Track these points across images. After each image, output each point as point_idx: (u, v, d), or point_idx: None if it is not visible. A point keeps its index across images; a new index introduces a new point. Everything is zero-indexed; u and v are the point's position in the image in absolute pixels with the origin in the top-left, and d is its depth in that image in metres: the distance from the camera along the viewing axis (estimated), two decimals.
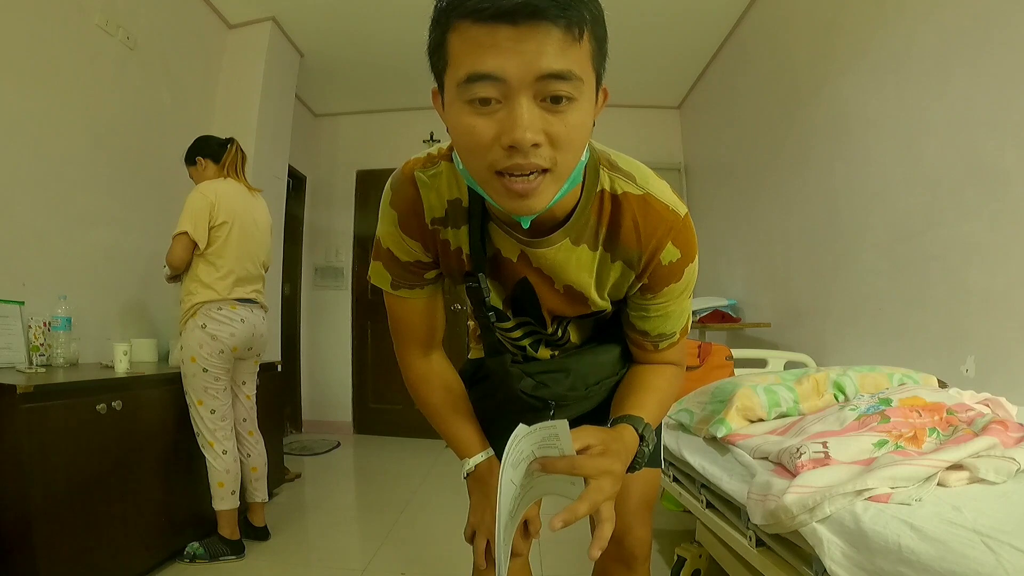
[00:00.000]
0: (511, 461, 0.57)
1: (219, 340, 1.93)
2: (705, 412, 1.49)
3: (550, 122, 0.53)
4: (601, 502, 0.60)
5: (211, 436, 1.93)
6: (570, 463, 0.60)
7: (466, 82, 0.52)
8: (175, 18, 2.74)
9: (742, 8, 3.05)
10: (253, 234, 2.09)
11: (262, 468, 2.15)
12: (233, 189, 2.05)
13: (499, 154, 0.54)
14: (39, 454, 1.42)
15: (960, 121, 1.66)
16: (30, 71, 1.99)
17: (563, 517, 0.57)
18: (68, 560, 1.48)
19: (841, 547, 0.80)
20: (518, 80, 0.51)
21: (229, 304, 1.98)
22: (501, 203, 0.58)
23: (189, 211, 1.94)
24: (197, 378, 1.91)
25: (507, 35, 0.50)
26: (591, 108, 0.57)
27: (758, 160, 3.04)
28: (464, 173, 0.61)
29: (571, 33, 0.51)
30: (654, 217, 0.69)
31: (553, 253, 0.70)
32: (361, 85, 4.01)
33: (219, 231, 1.97)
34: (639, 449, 0.70)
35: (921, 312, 1.85)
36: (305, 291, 4.41)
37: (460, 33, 0.52)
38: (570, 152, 0.56)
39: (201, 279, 1.95)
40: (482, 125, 0.53)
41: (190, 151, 2.12)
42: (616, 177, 0.69)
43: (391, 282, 0.77)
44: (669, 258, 0.70)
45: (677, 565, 1.68)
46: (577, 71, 0.52)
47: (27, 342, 1.88)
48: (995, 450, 0.90)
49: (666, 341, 0.79)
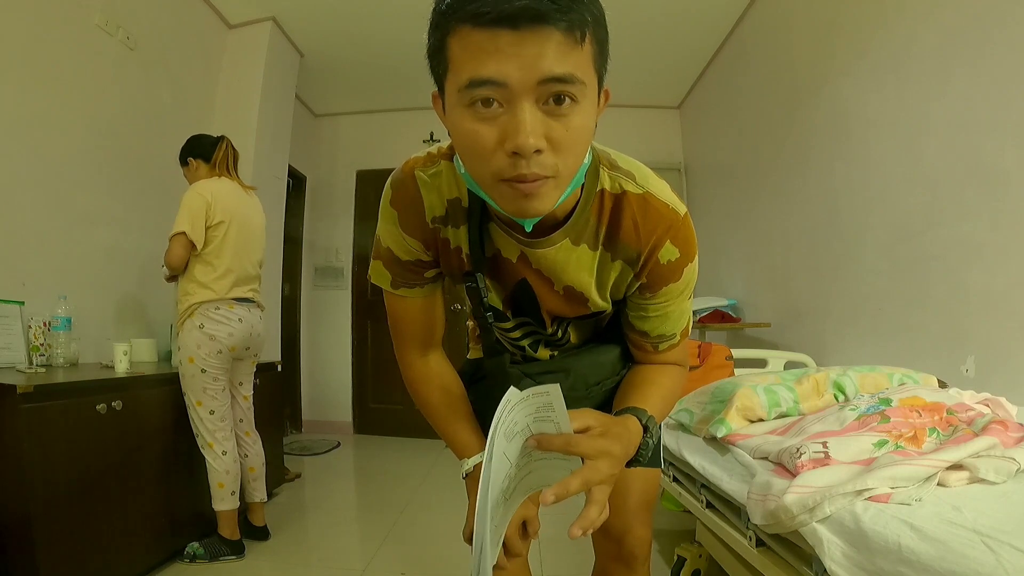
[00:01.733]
0: (503, 431, 0.55)
1: (217, 340, 1.93)
2: (705, 412, 1.49)
3: (552, 126, 0.53)
4: (595, 483, 0.59)
5: (210, 437, 1.93)
6: (566, 440, 0.59)
7: (468, 87, 0.52)
8: (175, 18, 2.74)
9: (742, 8, 3.05)
10: (249, 233, 2.08)
11: (260, 468, 2.15)
12: (228, 188, 2.04)
13: (504, 162, 0.53)
14: (39, 454, 1.42)
15: (960, 121, 1.66)
16: (30, 71, 1.99)
17: (554, 491, 0.55)
18: (68, 560, 1.48)
19: (841, 547, 0.80)
20: (520, 84, 0.50)
21: (227, 304, 1.97)
22: (505, 207, 0.58)
23: (186, 211, 1.92)
24: (196, 379, 1.91)
25: (508, 39, 0.49)
26: (593, 110, 0.57)
27: (758, 160, 3.04)
28: (466, 176, 0.61)
29: (572, 36, 0.51)
30: (653, 215, 0.69)
31: (553, 253, 0.70)
32: (361, 85, 4.01)
33: (216, 231, 1.96)
34: (643, 440, 0.69)
35: (921, 312, 1.85)
36: (305, 291, 4.41)
37: (461, 37, 0.52)
38: (572, 156, 0.56)
39: (198, 279, 1.94)
40: (484, 130, 0.53)
41: (182, 152, 2.12)
42: (616, 176, 0.69)
43: (391, 281, 0.77)
44: (668, 257, 0.70)
45: (677, 565, 1.68)
46: (579, 74, 0.52)
47: (27, 342, 1.88)
48: (995, 450, 0.90)
49: (666, 342, 0.79)
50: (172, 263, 1.93)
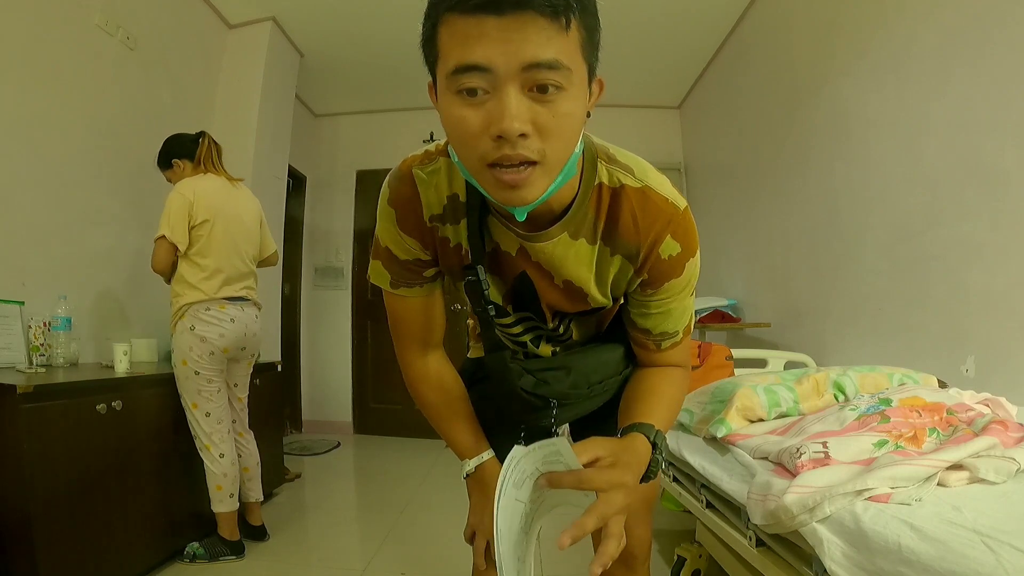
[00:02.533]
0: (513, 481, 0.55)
1: (208, 342, 1.91)
2: (705, 412, 1.48)
3: (538, 112, 0.53)
4: (611, 516, 0.58)
5: (207, 439, 1.92)
6: (577, 477, 0.58)
7: (454, 73, 0.52)
8: (175, 18, 2.74)
9: (742, 8, 3.05)
10: (238, 228, 2.04)
11: (254, 468, 2.14)
12: (213, 184, 2.00)
13: (488, 145, 0.54)
14: (39, 454, 1.42)
15: (960, 121, 1.66)
16: (30, 71, 1.99)
17: (571, 533, 0.55)
18: (68, 560, 1.48)
19: (841, 547, 0.80)
20: (505, 70, 0.51)
21: (218, 304, 1.94)
22: (493, 195, 0.58)
23: (167, 213, 1.90)
24: (190, 381, 1.90)
25: (493, 25, 0.50)
26: (582, 98, 0.57)
27: (758, 160, 3.04)
28: (459, 165, 0.61)
29: (558, 22, 0.51)
30: (652, 210, 0.68)
31: (552, 247, 0.70)
32: (361, 85, 4.01)
33: (200, 230, 1.93)
34: (653, 457, 0.68)
35: (921, 312, 1.85)
36: (305, 291, 4.41)
37: (448, 25, 0.52)
38: (559, 142, 0.56)
39: (187, 280, 1.92)
40: (471, 116, 0.54)
41: (162, 155, 2.07)
42: (614, 170, 0.69)
43: (390, 281, 0.77)
44: (669, 252, 0.70)
45: (677, 565, 1.68)
46: (565, 60, 0.52)
47: (27, 342, 1.88)
48: (995, 450, 0.90)
49: (668, 340, 0.78)
50: (157, 267, 1.92)
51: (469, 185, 0.67)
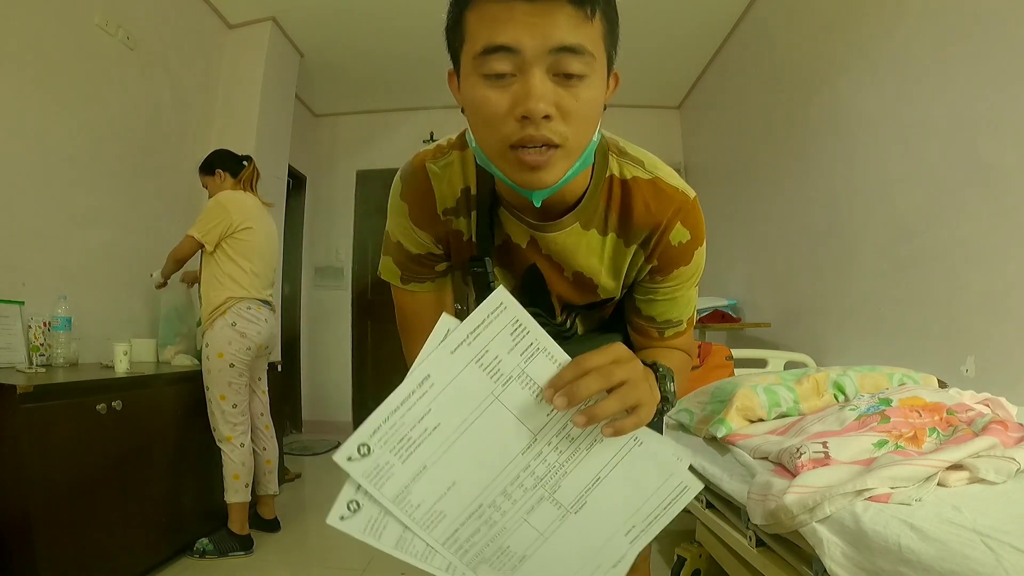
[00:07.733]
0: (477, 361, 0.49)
1: (248, 338, 2.02)
2: (705, 412, 1.48)
3: (562, 96, 0.54)
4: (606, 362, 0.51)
5: (230, 430, 1.99)
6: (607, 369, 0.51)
7: (482, 54, 0.54)
8: (175, 18, 2.74)
9: (742, 8, 3.04)
10: (271, 242, 2.21)
11: (275, 461, 2.23)
12: (251, 201, 2.17)
13: (512, 126, 0.55)
14: (39, 454, 1.42)
15: (960, 121, 1.66)
16: (30, 71, 1.99)
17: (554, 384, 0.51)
18: (68, 560, 1.48)
19: (841, 547, 0.80)
20: (532, 52, 0.52)
21: (256, 304, 2.08)
22: (513, 177, 0.59)
23: (205, 218, 2.04)
24: (223, 373, 1.98)
25: (523, 10, 0.52)
26: (603, 87, 0.58)
27: (758, 160, 3.04)
28: (477, 150, 0.62)
29: (584, 11, 0.53)
30: (664, 198, 0.70)
31: (563, 237, 0.70)
32: (361, 85, 4.01)
33: (244, 234, 2.07)
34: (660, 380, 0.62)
35: (921, 312, 1.85)
36: (305, 291, 4.41)
37: (477, 10, 0.54)
38: (581, 127, 0.57)
39: (229, 274, 2.03)
40: (496, 97, 0.55)
41: (210, 162, 2.20)
42: (625, 163, 0.70)
43: (401, 276, 0.78)
44: (679, 239, 0.71)
45: (677, 565, 1.68)
46: (589, 47, 0.54)
47: (27, 342, 1.88)
48: (995, 450, 0.90)
49: (672, 328, 0.78)
50: (176, 255, 2.11)
51: (480, 177, 0.68)
